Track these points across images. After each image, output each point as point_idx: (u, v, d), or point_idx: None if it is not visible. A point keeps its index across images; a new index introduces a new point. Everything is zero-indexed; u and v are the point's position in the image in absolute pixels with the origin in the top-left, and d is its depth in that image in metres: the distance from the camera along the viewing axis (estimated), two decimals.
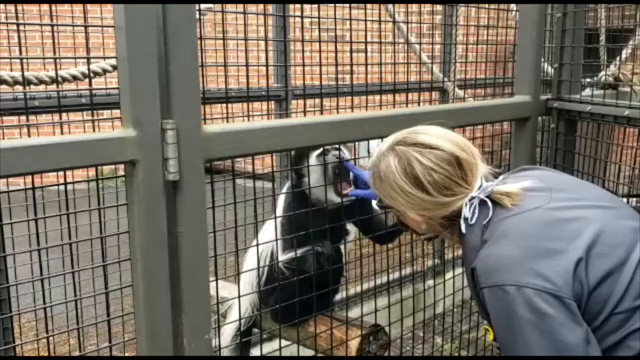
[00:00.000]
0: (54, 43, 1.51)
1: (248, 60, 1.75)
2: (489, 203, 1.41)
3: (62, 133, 1.65)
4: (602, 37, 3.79)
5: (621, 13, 3.32)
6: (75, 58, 2.73)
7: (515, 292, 1.26)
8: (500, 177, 1.50)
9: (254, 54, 3.08)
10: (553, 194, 1.42)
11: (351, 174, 2.08)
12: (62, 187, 1.66)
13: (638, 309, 1.26)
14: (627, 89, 2.35)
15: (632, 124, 2.06)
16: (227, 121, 2.40)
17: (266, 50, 1.81)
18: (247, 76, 1.68)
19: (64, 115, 2.99)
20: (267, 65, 1.81)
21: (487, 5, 2.80)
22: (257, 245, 1.95)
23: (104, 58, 2.47)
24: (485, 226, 1.40)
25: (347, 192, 2.06)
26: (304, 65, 1.87)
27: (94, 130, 1.45)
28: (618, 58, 2.90)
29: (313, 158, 2.10)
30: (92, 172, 3.63)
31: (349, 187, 2.08)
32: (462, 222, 1.43)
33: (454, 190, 1.43)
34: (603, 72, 2.63)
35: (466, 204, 1.43)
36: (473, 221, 1.42)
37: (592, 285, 1.26)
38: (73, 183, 1.49)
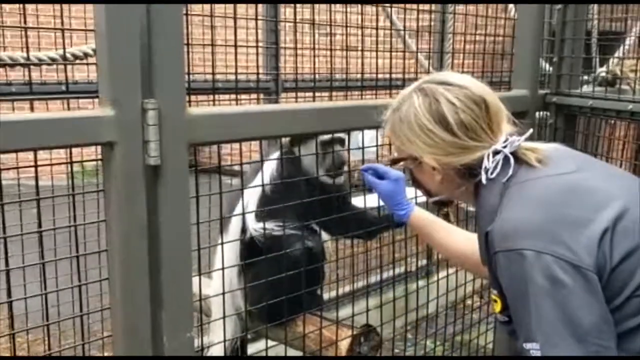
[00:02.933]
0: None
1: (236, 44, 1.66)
2: (512, 160, 1.32)
3: None
4: (594, 39, 3.77)
5: (615, 12, 3.28)
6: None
7: (534, 258, 1.17)
8: (527, 134, 1.42)
9: (243, 49, 2.99)
10: (579, 163, 1.35)
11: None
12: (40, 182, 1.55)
13: None
14: (627, 87, 2.30)
15: (635, 119, 2.00)
16: None
17: (256, 28, 1.72)
18: (235, 55, 1.58)
19: (43, 104, 2.87)
20: (257, 47, 1.72)
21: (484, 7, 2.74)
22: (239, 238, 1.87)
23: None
24: (505, 185, 1.32)
25: (361, 168, 1.94)
26: (295, 47, 1.77)
27: None
28: (616, 54, 2.86)
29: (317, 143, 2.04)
30: (75, 168, 3.50)
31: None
32: (482, 172, 1.34)
33: (479, 134, 1.34)
34: (601, 69, 2.58)
35: (488, 156, 1.34)
36: (493, 175, 1.33)
37: (615, 260, 1.17)
38: (52, 166, 1.38)
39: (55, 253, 2.79)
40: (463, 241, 1.78)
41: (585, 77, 2.55)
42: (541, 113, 2.39)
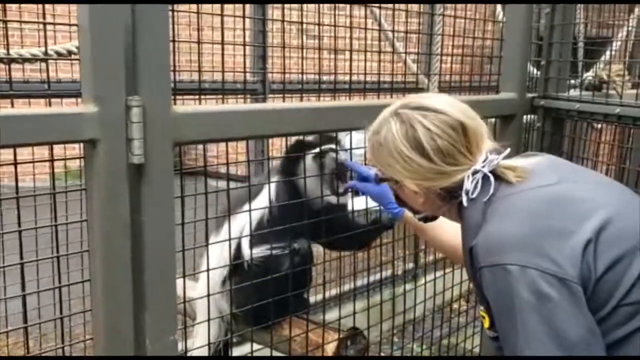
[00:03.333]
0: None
1: (224, 43, 1.64)
2: (492, 178, 1.32)
3: None
4: (581, 44, 3.79)
5: (602, 17, 3.30)
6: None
7: (519, 273, 1.16)
8: (505, 153, 1.40)
9: (230, 51, 2.95)
10: (563, 174, 1.34)
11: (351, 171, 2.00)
12: (20, 184, 1.51)
13: None
14: (613, 92, 2.30)
15: (622, 122, 2.00)
16: None
17: (243, 29, 1.69)
18: (222, 56, 1.56)
19: (26, 103, 2.83)
20: (244, 45, 1.70)
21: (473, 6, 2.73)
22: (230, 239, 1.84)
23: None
24: (486, 203, 1.31)
25: (346, 186, 1.98)
26: (283, 47, 1.75)
27: None
28: (602, 58, 2.87)
29: (309, 159, 2.00)
30: (57, 170, 3.45)
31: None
32: (463, 194, 1.34)
33: (457, 159, 1.33)
34: (588, 73, 2.58)
35: (468, 177, 1.33)
36: (474, 195, 1.33)
37: (600, 271, 1.17)
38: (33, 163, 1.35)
39: (36, 255, 2.75)
40: (455, 235, 1.77)
41: (572, 82, 2.55)
42: (529, 116, 2.39)
